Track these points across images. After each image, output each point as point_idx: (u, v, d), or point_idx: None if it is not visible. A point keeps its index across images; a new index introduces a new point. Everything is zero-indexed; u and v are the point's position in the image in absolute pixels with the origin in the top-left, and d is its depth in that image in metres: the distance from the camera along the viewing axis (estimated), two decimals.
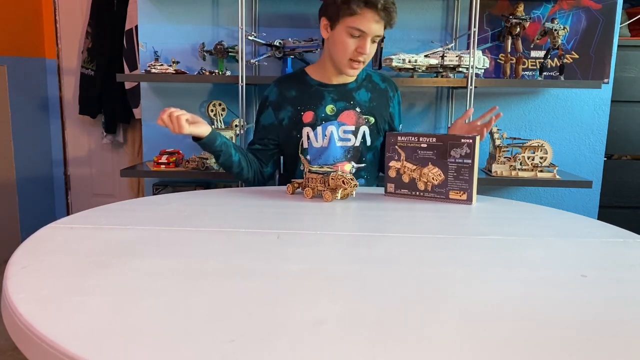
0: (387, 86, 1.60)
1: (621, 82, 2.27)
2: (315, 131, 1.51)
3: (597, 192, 2.31)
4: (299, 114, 1.51)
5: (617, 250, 0.90)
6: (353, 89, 1.54)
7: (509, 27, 2.10)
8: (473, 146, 1.21)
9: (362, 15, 1.34)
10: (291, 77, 1.57)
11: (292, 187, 1.31)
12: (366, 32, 1.37)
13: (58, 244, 0.85)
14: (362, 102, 1.54)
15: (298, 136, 1.52)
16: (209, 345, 0.52)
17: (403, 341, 0.54)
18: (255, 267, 0.76)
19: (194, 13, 2.22)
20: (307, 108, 1.51)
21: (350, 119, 1.52)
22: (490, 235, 0.97)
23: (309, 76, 1.54)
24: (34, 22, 2.97)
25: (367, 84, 1.56)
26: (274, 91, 1.54)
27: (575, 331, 0.57)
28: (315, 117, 1.51)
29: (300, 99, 1.52)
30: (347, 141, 1.52)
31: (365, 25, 1.35)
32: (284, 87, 1.54)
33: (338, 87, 1.53)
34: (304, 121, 1.51)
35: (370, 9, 1.33)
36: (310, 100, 1.52)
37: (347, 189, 1.22)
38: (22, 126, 2.90)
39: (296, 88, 1.53)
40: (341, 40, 1.40)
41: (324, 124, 1.51)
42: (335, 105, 1.52)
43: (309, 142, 1.52)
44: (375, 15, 1.34)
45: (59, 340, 0.52)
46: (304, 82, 1.54)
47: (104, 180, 3.18)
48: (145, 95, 2.28)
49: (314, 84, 1.53)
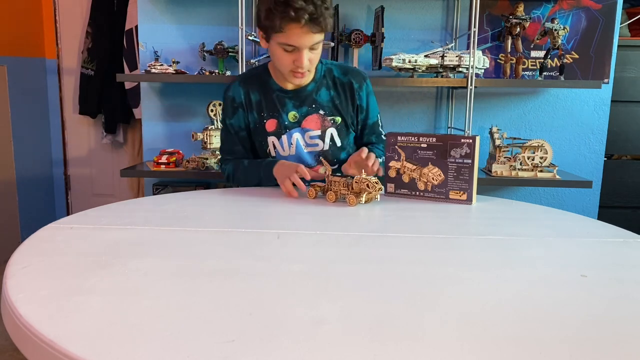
0: (351, 78, 1.47)
1: (621, 82, 2.27)
2: (280, 140, 1.45)
3: (597, 192, 2.31)
4: (262, 121, 1.45)
5: (617, 250, 0.90)
6: (313, 91, 1.45)
7: (509, 27, 2.10)
8: (473, 146, 1.21)
9: (289, 31, 1.25)
10: (254, 78, 1.47)
11: (314, 191, 1.26)
12: (298, 46, 1.28)
13: (58, 244, 0.85)
14: (324, 103, 1.45)
15: (263, 144, 1.46)
16: (209, 345, 0.52)
17: (403, 341, 0.54)
18: (255, 267, 0.76)
19: (194, 13, 2.22)
20: (270, 116, 1.44)
21: (314, 124, 1.45)
22: (490, 235, 0.97)
23: (272, 78, 1.45)
24: (34, 22, 2.97)
25: (327, 81, 1.46)
26: (240, 92, 1.46)
27: (575, 331, 0.57)
28: (279, 125, 1.44)
29: (262, 105, 1.45)
30: (315, 146, 1.46)
31: (294, 40, 1.26)
32: (248, 88, 1.46)
33: (298, 92, 1.44)
34: (267, 130, 1.45)
35: (295, 24, 1.23)
36: (273, 107, 1.44)
37: (371, 192, 1.18)
38: (22, 126, 2.90)
39: (259, 92, 1.45)
40: (277, 54, 1.32)
41: (288, 132, 1.45)
42: (297, 112, 1.44)
43: (276, 151, 1.46)
44: (303, 29, 1.24)
45: (58, 340, 0.52)
46: (266, 85, 1.45)
47: (104, 180, 3.18)
48: (145, 95, 2.28)
49: (276, 89, 1.45)
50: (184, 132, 2.30)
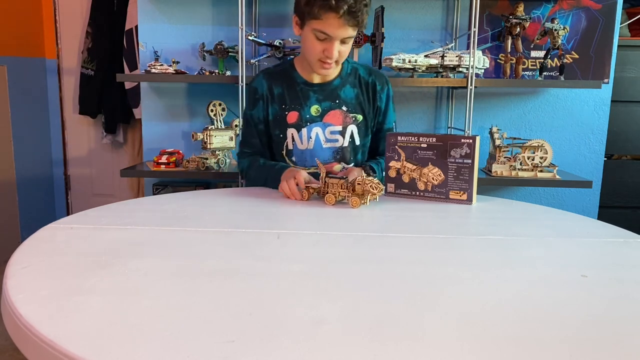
0: (375, 79, 1.51)
1: (621, 82, 2.27)
2: (300, 133, 1.46)
3: (597, 192, 2.31)
4: (283, 112, 1.46)
5: (617, 250, 0.90)
6: (338, 87, 1.48)
7: (509, 27, 2.10)
8: (473, 146, 1.21)
9: (325, 20, 1.28)
10: (279, 72, 1.50)
11: (307, 193, 1.25)
12: (332, 36, 1.30)
13: (58, 244, 0.85)
14: (348, 100, 1.48)
15: (281, 136, 1.47)
16: (209, 345, 0.52)
17: (403, 341, 0.54)
18: (255, 267, 0.76)
19: (194, 13, 2.22)
20: (292, 108, 1.46)
21: (336, 119, 1.47)
22: (490, 235, 0.97)
23: (296, 72, 1.48)
24: (34, 22, 2.97)
25: (352, 79, 1.49)
26: (263, 84, 1.48)
27: (575, 331, 0.57)
28: (300, 118, 1.46)
29: (285, 97, 1.46)
30: (335, 142, 1.47)
31: (329, 29, 1.29)
32: (272, 81, 1.48)
33: (322, 86, 1.47)
34: (288, 122, 1.46)
35: (333, 14, 1.26)
36: (296, 99, 1.46)
37: (375, 194, 1.17)
38: (22, 126, 2.90)
39: (283, 85, 1.47)
40: (309, 41, 1.35)
41: (309, 125, 1.46)
42: (320, 106, 1.46)
43: (294, 144, 1.47)
44: (339, 20, 1.27)
45: (58, 340, 0.52)
46: (291, 78, 1.48)
47: (104, 180, 3.18)
48: (145, 95, 2.28)
49: (300, 82, 1.47)
50: (184, 132, 2.30)
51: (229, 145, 2.01)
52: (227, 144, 2.00)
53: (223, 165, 2.05)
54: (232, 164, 2.14)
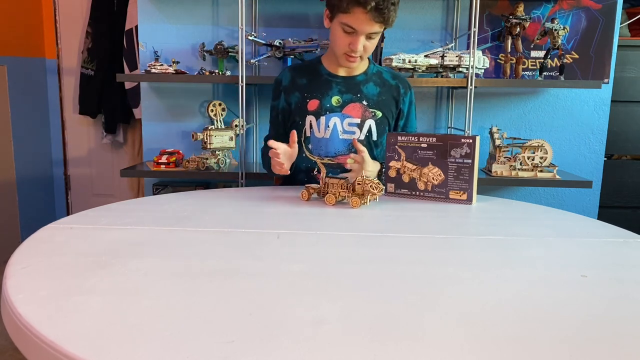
0: (399, 83, 1.56)
1: (621, 82, 2.27)
2: (318, 120, 1.50)
3: (597, 192, 2.31)
4: (305, 100, 1.51)
5: (617, 250, 0.90)
6: (361, 82, 1.52)
7: (509, 27, 2.10)
8: (473, 146, 1.21)
9: (354, 14, 1.33)
10: (305, 65, 1.59)
11: (307, 194, 1.25)
12: (358, 30, 1.35)
13: (58, 244, 0.85)
14: (369, 96, 1.52)
15: (301, 123, 1.52)
16: (209, 345, 0.52)
17: (403, 341, 0.54)
18: (255, 267, 0.76)
19: (194, 13, 2.22)
20: (314, 96, 1.51)
21: (356, 112, 1.51)
22: (490, 235, 0.97)
23: (322, 65, 1.54)
24: (34, 22, 2.97)
25: (376, 79, 1.54)
26: (287, 76, 1.55)
27: (575, 331, 0.57)
28: (320, 106, 1.50)
29: (308, 87, 1.52)
30: (352, 134, 1.50)
31: (356, 23, 1.34)
32: (296, 74, 1.55)
33: (346, 79, 1.52)
34: (308, 109, 1.50)
35: (361, 8, 1.31)
36: (318, 89, 1.51)
37: (375, 194, 1.17)
38: (22, 126, 2.90)
39: (307, 76, 1.54)
40: (336, 34, 1.40)
41: (328, 114, 1.50)
42: (341, 97, 1.51)
43: (312, 132, 1.51)
44: (367, 15, 1.32)
45: (58, 340, 0.52)
46: (316, 70, 1.54)
47: (104, 180, 3.18)
48: (145, 95, 2.28)
49: (324, 74, 1.53)
50: (184, 132, 2.30)
51: (229, 145, 2.01)
52: (227, 144, 2.00)
53: (223, 165, 2.05)
54: (232, 164, 2.14)
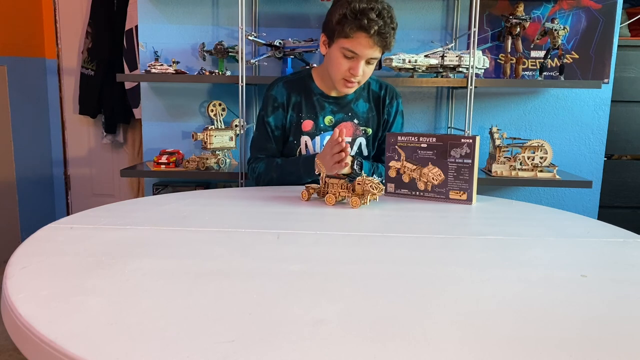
0: (385, 93, 1.58)
1: (621, 82, 2.27)
2: (313, 141, 1.53)
3: (597, 192, 2.31)
4: (299, 120, 1.53)
5: (617, 250, 0.90)
6: (352, 100, 1.55)
7: (509, 27, 2.09)
8: (473, 146, 1.21)
9: (356, 39, 1.34)
10: (298, 81, 1.56)
11: (307, 193, 1.25)
12: (359, 55, 1.36)
13: (58, 244, 0.85)
14: (360, 113, 1.55)
15: (295, 142, 1.54)
16: (209, 345, 0.52)
17: (403, 341, 0.54)
18: (255, 267, 0.76)
19: (194, 13, 2.22)
20: (307, 117, 1.53)
21: (347, 131, 1.53)
22: (490, 235, 0.97)
23: (314, 83, 1.54)
24: (34, 22, 2.97)
25: (365, 94, 1.56)
26: (282, 93, 1.54)
27: (575, 331, 0.57)
28: (315, 126, 1.53)
29: (302, 106, 1.53)
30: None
31: (358, 48, 1.35)
32: (291, 90, 1.54)
33: (338, 99, 1.55)
34: (303, 129, 1.53)
35: (364, 33, 1.32)
36: (312, 109, 1.53)
37: (375, 194, 1.17)
38: (22, 126, 2.89)
39: (300, 94, 1.54)
40: (336, 59, 1.40)
41: (322, 134, 1.54)
42: (333, 117, 1.54)
43: (307, 151, 1.54)
44: (369, 40, 1.33)
45: (58, 340, 0.52)
46: (308, 88, 1.54)
47: (104, 180, 3.18)
48: (145, 95, 2.28)
49: (317, 93, 1.54)
50: (184, 132, 2.30)
51: (228, 145, 2.01)
52: (227, 144, 2.00)
53: (223, 165, 2.05)
54: (232, 164, 2.14)
